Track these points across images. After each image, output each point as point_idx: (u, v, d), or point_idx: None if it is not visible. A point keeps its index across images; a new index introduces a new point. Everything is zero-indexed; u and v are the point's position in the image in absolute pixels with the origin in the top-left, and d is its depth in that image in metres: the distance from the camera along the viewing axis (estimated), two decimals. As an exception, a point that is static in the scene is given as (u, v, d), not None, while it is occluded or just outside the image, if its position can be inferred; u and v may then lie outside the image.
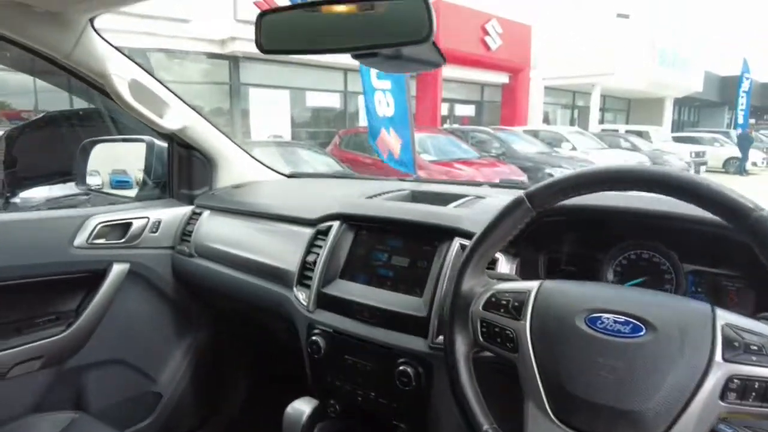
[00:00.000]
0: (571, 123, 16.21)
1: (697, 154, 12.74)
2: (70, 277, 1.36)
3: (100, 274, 1.40)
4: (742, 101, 17.19)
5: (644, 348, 0.59)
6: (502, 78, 14.25)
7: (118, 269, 1.42)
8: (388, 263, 1.06)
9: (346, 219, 1.16)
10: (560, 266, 0.96)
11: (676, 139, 14.57)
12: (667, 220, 0.85)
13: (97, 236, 1.38)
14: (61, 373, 1.38)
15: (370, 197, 1.29)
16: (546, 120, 15.68)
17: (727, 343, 0.56)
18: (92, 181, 1.67)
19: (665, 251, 0.88)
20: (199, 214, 1.54)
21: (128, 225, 1.45)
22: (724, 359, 0.55)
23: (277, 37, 0.83)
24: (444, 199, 1.22)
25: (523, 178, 6.46)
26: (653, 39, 15.08)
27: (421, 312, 0.94)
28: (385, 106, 5.26)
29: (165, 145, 1.60)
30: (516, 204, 0.73)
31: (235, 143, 1.66)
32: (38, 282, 1.29)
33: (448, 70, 11.87)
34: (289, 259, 1.20)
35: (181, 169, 1.61)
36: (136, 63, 1.32)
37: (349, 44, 0.75)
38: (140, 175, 1.66)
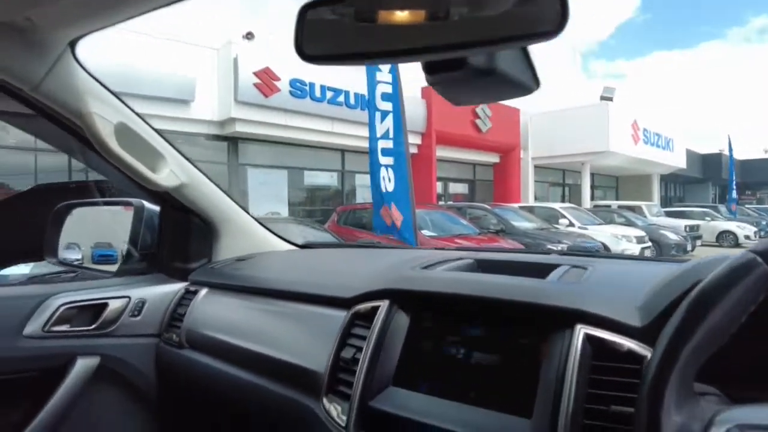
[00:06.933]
0: (563, 200, 16.44)
1: (691, 228, 12.79)
2: (13, 377, 1.05)
3: (58, 373, 1.09)
4: (734, 177, 17.88)
5: None
6: (493, 158, 14.65)
7: (83, 365, 1.11)
8: (467, 363, 0.74)
9: (399, 297, 0.84)
10: None
11: (669, 214, 14.75)
12: None
13: (58, 322, 1.09)
14: None
15: (426, 267, 0.95)
16: (535, 197, 15.94)
17: None
18: (69, 255, 1.41)
19: None
20: (195, 292, 1.25)
21: (102, 307, 1.16)
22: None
23: (324, 38, 0.56)
24: (536, 269, 0.88)
25: (527, 253, 6.30)
26: (636, 120, 15.79)
27: None
28: (388, 181, 5.27)
29: (157, 208, 1.35)
30: (746, 268, 0.46)
31: (242, 207, 1.41)
32: None
33: (441, 151, 12.19)
34: (316, 354, 0.88)
35: (175, 238, 1.34)
36: (125, 104, 1.08)
37: (435, 41, 0.48)
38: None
